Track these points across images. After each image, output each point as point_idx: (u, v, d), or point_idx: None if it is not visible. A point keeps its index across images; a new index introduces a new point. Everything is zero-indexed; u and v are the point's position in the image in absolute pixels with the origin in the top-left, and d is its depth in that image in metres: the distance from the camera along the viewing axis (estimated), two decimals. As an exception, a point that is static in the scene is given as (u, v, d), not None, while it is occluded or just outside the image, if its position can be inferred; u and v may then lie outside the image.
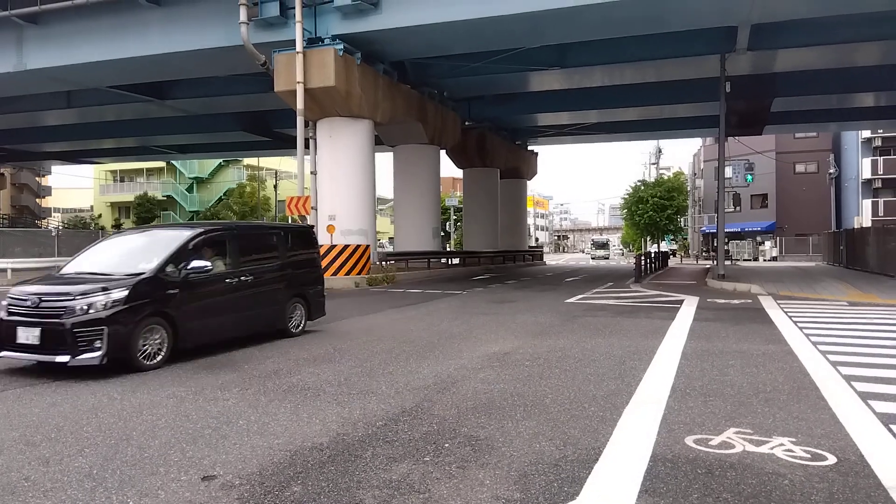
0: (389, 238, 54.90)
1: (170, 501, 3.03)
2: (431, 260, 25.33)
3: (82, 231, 38.65)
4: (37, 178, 63.53)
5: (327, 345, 7.74)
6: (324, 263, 17.57)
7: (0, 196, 54.46)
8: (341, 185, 19.55)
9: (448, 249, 45.35)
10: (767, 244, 47.12)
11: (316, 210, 19.06)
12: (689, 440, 3.93)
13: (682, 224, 54.02)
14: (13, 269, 22.47)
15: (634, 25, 17.44)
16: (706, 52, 19.66)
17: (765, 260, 45.03)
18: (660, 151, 57.97)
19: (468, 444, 3.84)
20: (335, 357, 6.88)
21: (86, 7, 18.47)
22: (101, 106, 27.76)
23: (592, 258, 44.23)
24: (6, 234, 25.09)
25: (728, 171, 25.33)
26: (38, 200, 64.45)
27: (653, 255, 28.44)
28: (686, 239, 61.25)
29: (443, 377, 5.78)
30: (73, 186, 64.09)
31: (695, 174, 60.29)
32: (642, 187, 49.24)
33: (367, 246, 19.14)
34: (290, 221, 20.49)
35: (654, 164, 58.94)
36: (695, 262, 45.18)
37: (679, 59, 20.75)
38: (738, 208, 48.74)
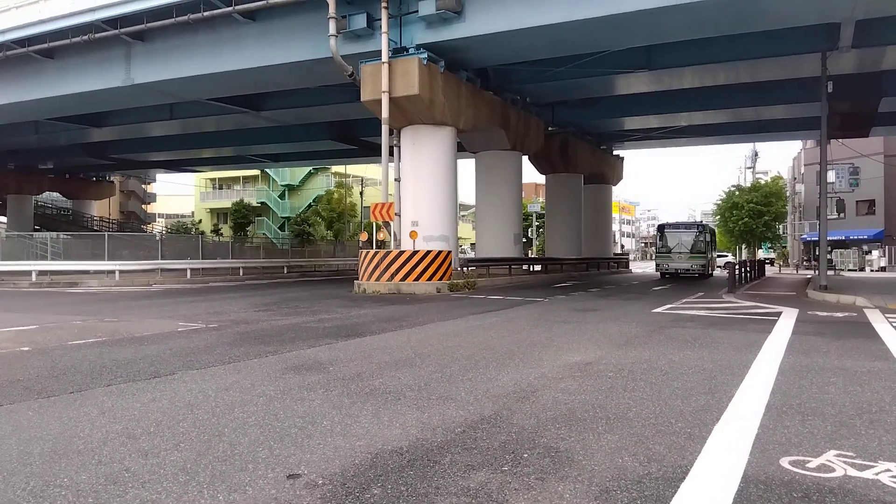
0: (471, 244, 55.06)
1: (257, 498, 3.14)
2: (513, 266, 25.21)
3: (183, 236, 40.95)
4: (143, 186, 68.14)
5: (408, 349, 7.84)
6: (406, 269, 17.92)
7: (110, 202, 58.63)
8: (424, 191, 19.82)
9: (530, 256, 45.00)
10: (875, 253, 43.97)
11: (399, 216, 19.41)
12: (785, 461, 3.70)
13: (781, 231, 51.30)
14: (121, 271, 24.11)
15: (726, 25, 16.76)
16: (805, 50, 18.62)
17: (871, 270, 42.04)
18: (756, 155, 55.34)
19: (547, 456, 3.78)
20: (416, 362, 6.95)
21: (187, 24, 19.61)
22: (201, 117, 29.46)
23: (664, 272, 28.72)
24: (115, 239, 26.92)
25: (831, 176, 23.87)
26: (143, 206, 69.09)
27: (748, 263, 27.10)
28: (785, 247, 58.09)
29: (522, 385, 5.73)
30: (176, 193, 68.16)
31: (794, 179, 57.17)
32: (737, 192, 47.12)
33: (449, 252, 19.28)
34: (374, 227, 20.97)
35: (749, 167, 56.34)
36: (794, 271, 42.76)
37: (775, 58, 19.76)
38: (842, 215, 45.52)
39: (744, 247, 50.19)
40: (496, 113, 22.99)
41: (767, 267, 41.68)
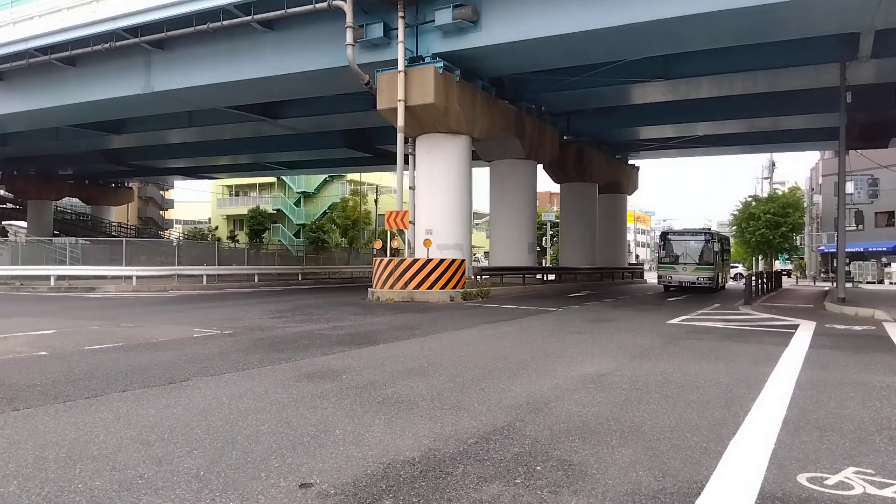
0: (485, 252, 55.04)
1: (269, 507, 3.15)
2: (526, 275, 25.15)
3: (200, 242, 41.29)
4: (161, 192, 68.86)
5: (421, 358, 7.83)
6: (420, 277, 17.93)
7: (128, 208, 59.29)
8: (438, 199, 19.86)
9: (543, 265, 44.86)
10: (894, 266, 43.34)
11: (413, 224, 19.45)
12: (802, 478, 3.64)
13: (798, 243, 50.75)
14: (138, 277, 24.34)
15: (744, 35, 16.67)
16: (824, 60, 18.48)
17: (890, 283, 41.43)
18: (773, 165, 54.88)
19: (561, 469, 3.75)
20: (429, 371, 6.94)
21: (207, 33, 19.83)
22: (219, 125, 29.77)
23: (667, 284, 25.68)
24: (133, 244, 27.19)
25: (849, 187, 23.55)
26: (161, 213, 69.80)
27: (765, 275, 26.83)
28: (802, 258, 57.47)
29: (536, 397, 5.70)
30: (194, 200, 68.76)
31: (812, 189, 56.59)
32: (754, 203, 46.68)
33: (463, 260, 19.27)
34: (388, 235, 21.01)
35: (766, 178, 55.87)
36: (812, 283, 42.26)
37: (794, 68, 19.62)
38: (860, 227, 44.95)
39: (760, 258, 49.69)
40: (511, 122, 23.01)
41: (784, 278, 41.25)
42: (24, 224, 50.03)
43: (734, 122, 27.98)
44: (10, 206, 52.20)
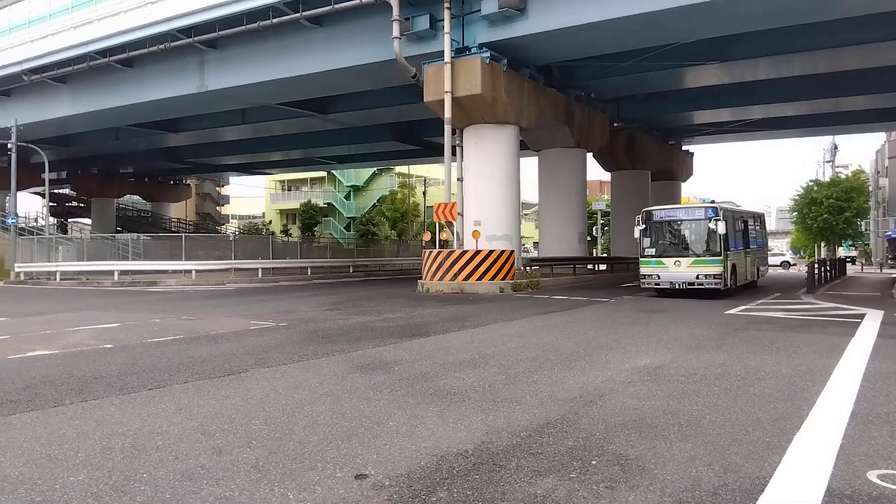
0: (534, 243, 54.62)
1: (326, 497, 3.19)
2: (577, 265, 24.84)
3: (255, 236, 42.28)
4: (217, 188, 70.72)
5: (472, 350, 7.82)
6: (469, 269, 17.91)
7: (186, 205, 61.11)
8: (486, 190, 19.77)
9: (595, 255, 44.23)
10: (969, 250, 41.09)
11: (462, 216, 19.42)
12: (873, 475, 3.48)
13: (863, 228, 48.56)
14: (197, 271, 25.09)
15: (804, 13, 16.00)
16: (887, 37, 17.57)
17: (966, 268, 39.28)
18: (835, 148, 52.56)
19: (617, 463, 3.68)
20: (480, 363, 6.93)
21: (257, 31, 20.20)
22: (270, 121, 30.37)
23: (656, 287, 16.96)
24: (192, 239, 28.01)
25: (919, 169, 22.39)
26: (217, 208, 71.71)
27: (828, 262, 25.75)
28: (867, 245, 55.02)
29: (589, 389, 5.62)
30: (248, 195, 70.38)
31: (878, 173, 54.00)
32: (815, 188, 44.78)
33: (512, 251, 19.16)
34: (437, 227, 21.07)
35: (828, 161, 53.58)
36: (878, 270, 40.43)
37: (856, 46, 18.70)
38: (931, 210, 42.87)
39: (823, 245, 47.78)
40: (559, 110, 22.69)
41: (848, 266, 39.56)
42: (88, 221, 52.22)
43: (793, 105, 26.93)
44: (75, 203, 54.58)
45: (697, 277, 16.07)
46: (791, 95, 25.25)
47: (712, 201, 18.61)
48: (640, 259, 17.11)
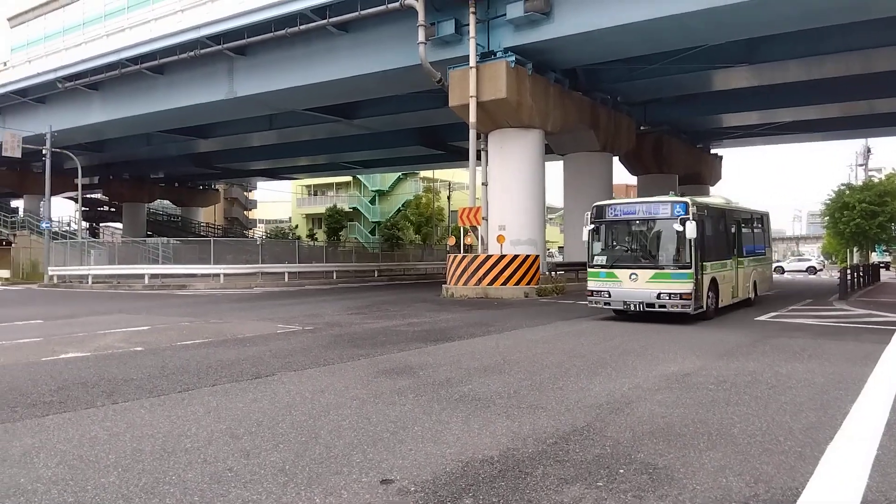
0: (559, 247, 54.29)
1: (352, 502, 3.21)
2: (604, 270, 24.51)
3: (281, 241, 42.68)
4: (245, 193, 71.57)
5: (497, 355, 7.80)
6: (493, 273, 17.87)
7: (215, 209, 61.94)
8: (511, 195, 19.71)
9: (621, 259, 43.67)
10: None
11: (486, 220, 19.38)
12: (911, 488, 3.39)
13: (898, 233, 47.34)
14: (225, 275, 25.42)
15: (835, 14, 15.67)
16: (924, 38, 17.12)
17: None
18: (868, 151, 51.42)
19: (645, 472, 3.64)
20: (504, 368, 6.90)
21: (285, 38, 20.43)
22: (297, 127, 30.65)
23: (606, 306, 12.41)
24: (220, 244, 28.40)
25: (957, 172, 21.77)
26: (245, 213, 72.57)
27: (861, 268, 25.15)
28: (902, 250, 53.71)
29: (616, 396, 5.56)
30: (275, 200, 71.08)
31: (913, 176, 52.65)
32: (847, 192, 43.84)
33: (537, 256, 19.07)
34: (461, 232, 21.06)
35: (861, 165, 52.43)
36: (914, 276, 39.40)
37: (892, 46, 18.27)
38: (970, 214, 41.63)
39: (856, 250, 46.72)
40: (585, 113, 22.54)
41: (883, 271, 38.62)
42: (119, 225, 53.20)
43: (824, 107, 26.37)
44: (106, 208, 55.65)
45: (658, 297, 11.62)
46: (822, 97, 24.74)
47: (683, 196, 12.64)
48: (588, 270, 12.93)
